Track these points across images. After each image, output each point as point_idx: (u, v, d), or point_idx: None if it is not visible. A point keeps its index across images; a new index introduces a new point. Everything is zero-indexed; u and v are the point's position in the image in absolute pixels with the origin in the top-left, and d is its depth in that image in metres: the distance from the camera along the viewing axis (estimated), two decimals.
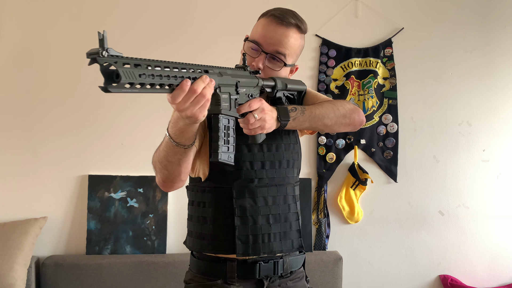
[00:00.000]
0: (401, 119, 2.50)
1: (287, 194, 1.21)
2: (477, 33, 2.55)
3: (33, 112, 2.30)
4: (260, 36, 1.18)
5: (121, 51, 2.59)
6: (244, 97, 1.07)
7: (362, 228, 2.49)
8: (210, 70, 0.95)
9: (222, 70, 1.01)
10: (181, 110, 0.89)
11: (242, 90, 1.06)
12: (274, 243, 1.17)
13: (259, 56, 1.18)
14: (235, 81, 1.03)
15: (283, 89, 1.19)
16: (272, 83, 1.17)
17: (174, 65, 0.86)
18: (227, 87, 1.00)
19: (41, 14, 2.31)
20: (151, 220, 2.30)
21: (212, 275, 1.19)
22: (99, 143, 2.33)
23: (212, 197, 1.18)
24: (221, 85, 0.98)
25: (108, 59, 0.76)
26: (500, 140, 2.55)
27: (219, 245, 1.16)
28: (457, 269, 2.53)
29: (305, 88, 1.28)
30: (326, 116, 1.17)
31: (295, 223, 1.21)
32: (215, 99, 0.97)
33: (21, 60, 2.30)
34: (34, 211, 2.26)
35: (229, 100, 1.01)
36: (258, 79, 1.13)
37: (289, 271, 1.22)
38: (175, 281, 2.20)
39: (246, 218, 1.15)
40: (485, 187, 2.55)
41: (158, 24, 2.38)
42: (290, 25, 1.17)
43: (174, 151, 1.04)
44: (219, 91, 0.98)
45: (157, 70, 0.82)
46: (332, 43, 2.47)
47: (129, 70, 0.76)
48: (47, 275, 2.15)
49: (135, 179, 2.32)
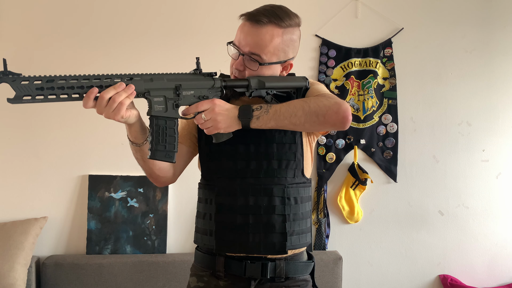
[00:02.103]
0: (401, 119, 2.50)
1: (274, 195, 1.17)
2: (477, 33, 2.55)
3: (33, 112, 2.30)
4: (236, 39, 1.19)
5: (121, 50, 2.58)
6: (192, 99, 1.10)
7: (362, 228, 2.50)
8: (135, 78, 1.04)
9: (157, 76, 1.07)
10: (99, 113, 1.01)
11: (189, 93, 1.10)
12: (252, 244, 1.16)
13: (238, 59, 1.18)
14: (174, 85, 1.08)
15: (260, 87, 1.16)
16: (244, 83, 1.16)
17: (84, 77, 0.98)
18: (160, 91, 1.07)
19: (41, 14, 2.32)
20: (151, 220, 2.31)
21: (204, 266, 1.24)
22: (99, 143, 2.33)
23: (202, 193, 1.25)
24: (151, 90, 1.06)
25: (5, 78, 0.92)
26: (499, 140, 2.55)
27: (205, 239, 1.21)
28: (457, 269, 2.53)
29: (303, 84, 1.21)
30: (293, 115, 1.10)
31: (279, 226, 1.16)
32: (148, 102, 1.06)
33: (21, 60, 2.30)
34: (34, 211, 2.27)
35: (164, 102, 1.07)
36: (214, 80, 1.13)
37: (283, 276, 1.18)
38: (175, 281, 2.20)
39: (225, 216, 1.18)
40: (484, 187, 2.55)
41: (158, 24, 2.38)
42: (262, 23, 1.13)
43: (134, 149, 1.15)
44: (148, 95, 1.05)
45: (60, 83, 0.94)
46: (332, 43, 2.47)
47: (25, 85, 0.92)
48: (48, 275, 2.16)
49: (135, 179, 2.32)
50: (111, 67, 2.34)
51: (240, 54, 1.17)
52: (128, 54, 2.36)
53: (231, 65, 1.22)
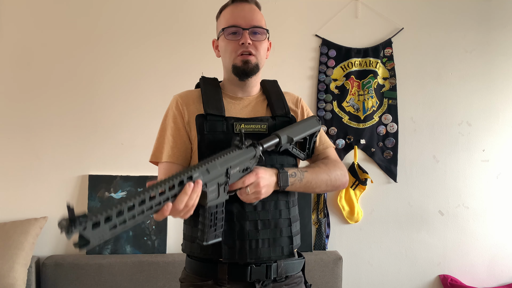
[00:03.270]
0: (401, 119, 2.50)
1: (279, 200, 1.19)
2: (477, 33, 2.55)
3: (33, 112, 2.30)
4: (235, 19, 1.22)
5: (121, 50, 2.58)
6: (237, 174, 1.10)
7: (362, 228, 2.50)
8: (194, 175, 0.97)
9: (211, 165, 1.03)
10: (173, 216, 0.96)
11: (235, 170, 1.09)
12: (262, 250, 1.16)
13: (242, 34, 1.20)
14: (225, 169, 1.06)
15: (289, 142, 1.20)
16: (275, 140, 1.17)
17: (151, 192, 0.88)
18: (215, 179, 1.05)
19: (41, 14, 2.32)
20: (151, 220, 2.31)
21: (203, 275, 1.20)
22: (99, 143, 2.33)
23: None
24: (208, 182, 1.02)
25: (78, 230, 0.79)
26: (499, 140, 2.56)
27: (207, 249, 1.17)
28: (457, 269, 2.53)
29: (318, 128, 1.28)
30: (318, 187, 1.23)
31: (286, 229, 1.19)
32: (203, 197, 1.02)
33: (21, 60, 2.30)
34: (34, 211, 2.26)
35: (217, 189, 1.06)
36: (256, 150, 1.13)
37: (284, 275, 1.20)
38: (175, 281, 2.20)
39: (233, 223, 1.15)
40: (484, 187, 2.55)
41: (158, 24, 2.38)
42: (251, 1, 1.25)
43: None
44: (205, 188, 1.01)
45: (130, 214, 0.84)
46: (332, 43, 2.47)
47: (98, 231, 0.80)
48: (48, 275, 2.16)
49: (135, 179, 2.32)
50: (112, 67, 2.34)
51: (245, 29, 1.20)
52: (128, 54, 2.36)
53: (231, 49, 1.21)
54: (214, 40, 1.32)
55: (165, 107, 1.34)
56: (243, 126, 1.19)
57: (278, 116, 1.25)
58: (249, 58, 1.21)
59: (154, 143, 1.28)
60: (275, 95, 1.30)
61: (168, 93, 2.33)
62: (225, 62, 1.26)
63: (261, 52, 1.23)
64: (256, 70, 1.23)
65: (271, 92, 1.30)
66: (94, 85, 2.34)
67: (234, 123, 1.19)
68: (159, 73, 2.37)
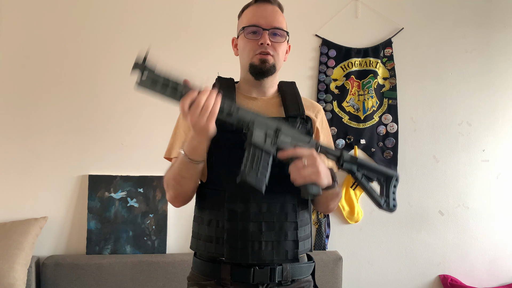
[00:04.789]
0: (401, 119, 2.50)
1: (286, 202, 1.17)
2: (477, 33, 2.55)
3: (33, 112, 2.30)
4: (256, 18, 1.22)
5: (121, 50, 2.58)
6: (288, 145, 1.11)
7: (362, 228, 2.49)
8: (244, 108, 1.08)
9: (262, 116, 1.10)
10: (194, 124, 1.02)
11: (286, 139, 1.11)
12: (265, 252, 1.13)
13: (262, 35, 1.20)
14: (275, 126, 1.10)
15: (352, 162, 1.18)
16: (336, 153, 1.17)
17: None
18: (263, 126, 1.09)
19: (41, 14, 2.31)
20: (151, 220, 2.31)
21: (207, 275, 1.19)
22: (99, 143, 2.33)
23: (209, 199, 1.20)
24: (256, 121, 1.08)
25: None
26: (499, 140, 2.56)
27: (211, 247, 1.17)
28: (457, 269, 2.53)
29: (394, 174, 1.24)
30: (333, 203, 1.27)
31: (292, 233, 1.17)
32: (249, 133, 1.08)
33: (21, 60, 2.30)
34: (34, 211, 2.26)
35: (264, 137, 1.08)
36: (311, 139, 1.14)
37: (290, 279, 1.18)
38: (175, 281, 2.20)
39: (236, 223, 1.14)
40: (485, 187, 2.55)
41: (158, 24, 2.38)
42: (275, 3, 1.25)
43: (188, 167, 1.12)
44: (251, 126, 1.07)
45: (175, 83, 1.05)
46: (332, 43, 2.47)
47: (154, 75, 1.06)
48: (47, 275, 2.16)
49: (135, 179, 2.32)
50: (112, 67, 2.34)
51: (265, 30, 1.20)
52: (128, 54, 2.36)
53: (249, 49, 1.22)
54: (233, 38, 1.33)
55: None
56: None
57: (291, 117, 1.23)
58: (267, 58, 1.21)
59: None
60: (291, 96, 1.28)
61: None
62: (242, 61, 1.27)
63: (280, 54, 1.23)
64: (272, 71, 1.23)
65: (287, 93, 1.28)
66: (94, 85, 2.34)
67: None
68: None
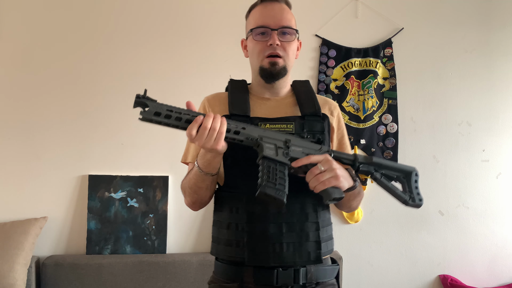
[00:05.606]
0: (401, 119, 2.50)
1: (306, 202, 1.15)
2: (477, 33, 2.55)
3: (33, 112, 2.30)
4: (264, 19, 1.20)
5: (121, 50, 2.58)
6: (301, 155, 1.10)
7: (362, 228, 2.49)
8: (248, 127, 1.07)
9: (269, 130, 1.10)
10: (202, 146, 1.01)
11: (297, 149, 1.10)
12: (287, 253, 1.11)
13: (271, 35, 1.18)
14: (284, 138, 1.10)
15: (367, 162, 1.16)
16: (350, 157, 1.15)
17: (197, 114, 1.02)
18: (272, 140, 1.09)
19: (41, 14, 2.32)
20: (151, 220, 2.31)
21: (230, 278, 1.17)
22: (99, 143, 2.33)
23: (227, 202, 1.19)
24: (264, 137, 1.08)
25: (145, 101, 1.02)
26: (499, 140, 2.55)
27: (231, 250, 1.14)
28: (457, 269, 2.53)
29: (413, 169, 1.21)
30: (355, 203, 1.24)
31: (313, 234, 1.14)
32: (259, 148, 1.07)
33: (21, 60, 2.30)
34: (34, 211, 2.26)
35: (275, 149, 1.08)
36: (322, 146, 1.13)
37: (314, 281, 1.15)
38: (175, 281, 2.20)
39: (255, 225, 1.12)
40: (485, 187, 2.55)
41: (158, 25, 2.38)
42: (282, 0, 1.23)
43: (203, 179, 1.13)
44: (260, 141, 1.07)
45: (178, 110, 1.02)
46: (332, 43, 2.47)
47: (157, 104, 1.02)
48: (47, 275, 2.16)
49: (135, 179, 2.32)
50: (112, 67, 2.34)
51: (273, 30, 1.18)
52: (129, 54, 2.36)
53: (259, 50, 1.20)
54: (243, 39, 1.30)
55: None
56: (268, 126, 1.16)
57: (308, 115, 1.20)
58: (277, 60, 1.19)
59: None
60: (305, 94, 1.26)
61: (168, 93, 2.34)
62: (252, 63, 1.25)
63: (290, 54, 1.21)
64: (283, 73, 1.21)
65: (300, 92, 1.27)
66: (94, 85, 2.34)
67: (259, 123, 1.16)
68: (159, 73, 2.37)
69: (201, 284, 2.20)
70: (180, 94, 2.34)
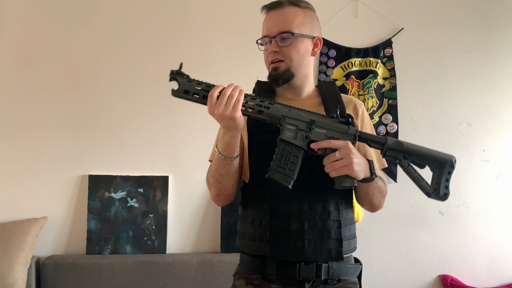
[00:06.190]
0: (401, 119, 2.50)
1: (328, 201, 1.17)
2: (477, 33, 2.55)
3: (33, 112, 2.30)
4: (264, 29, 1.24)
5: (121, 50, 2.59)
6: (323, 137, 1.11)
7: (362, 228, 2.49)
8: (275, 104, 1.10)
9: (295, 109, 1.11)
10: (222, 114, 1.03)
11: (320, 131, 1.11)
12: (308, 250, 1.14)
13: (271, 43, 1.21)
14: (308, 119, 1.11)
15: (397, 148, 1.14)
16: (380, 140, 1.14)
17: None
18: (295, 121, 1.10)
19: (41, 14, 2.31)
20: (151, 220, 2.31)
21: (254, 270, 1.21)
22: (99, 143, 2.33)
23: (251, 199, 1.22)
24: (287, 117, 1.10)
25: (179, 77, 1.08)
26: (499, 140, 2.56)
27: (255, 245, 1.18)
28: (457, 269, 2.53)
29: (450, 159, 1.21)
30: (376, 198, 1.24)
31: (335, 232, 1.16)
32: (281, 128, 1.10)
33: (21, 60, 2.30)
34: (34, 211, 2.26)
35: (295, 131, 1.09)
36: (349, 126, 1.12)
37: (336, 278, 1.17)
38: (175, 281, 2.20)
39: (278, 221, 1.15)
40: (485, 187, 2.55)
41: (158, 24, 2.38)
42: (282, 4, 1.22)
43: (223, 164, 1.14)
44: (283, 121, 1.09)
45: (206, 88, 1.07)
46: (332, 43, 2.47)
47: (186, 82, 1.07)
48: (47, 275, 2.16)
49: (135, 179, 2.32)
50: (112, 67, 2.34)
51: (271, 38, 1.21)
52: (129, 54, 2.36)
53: (265, 59, 1.25)
54: None
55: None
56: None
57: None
58: (278, 65, 1.21)
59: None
60: (330, 95, 1.27)
61: (168, 93, 2.34)
62: None
63: (293, 56, 1.21)
64: (288, 75, 1.22)
65: (326, 93, 1.28)
66: (94, 85, 2.34)
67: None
68: (159, 73, 2.36)
69: (201, 284, 2.20)
70: None
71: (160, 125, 2.35)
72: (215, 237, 2.35)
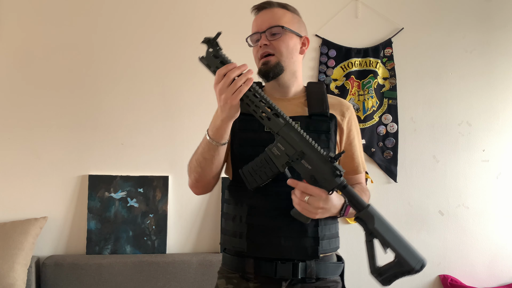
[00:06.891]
0: (401, 119, 2.50)
1: None
2: (477, 33, 2.56)
3: (33, 112, 2.30)
4: (254, 26, 1.27)
5: (121, 50, 2.59)
6: (304, 172, 1.09)
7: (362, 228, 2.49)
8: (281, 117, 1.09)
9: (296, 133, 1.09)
10: (220, 93, 1.04)
11: (306, 165, 1.09)
12: (284, 248, 1.15)
13: (261, 38, 1.24)
14: (300, 148, 1.08)
15: (368, 225, 1.27)
16: (361, 204, 1.18)
17: None
18: (287, 144, 1.09)
19: (41, 14, 2.31)
20: (151, 220, 2.31)
21: (233, 268, 1.23)
22: (99, 143, 2.33)
23: (233, 196, 1.24)
24: (282, 136, 1.09)
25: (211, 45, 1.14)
26: (500, 140, 2.56)
27: (235, 241, 1.20)
28: (457, 269, 2.53)
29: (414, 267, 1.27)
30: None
31: (312, 230, 1.16)
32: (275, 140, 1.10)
33: (21, 60, 2.30)
34: (34, 211, 2.26)
35: (282, 153, 1.09)
36: (341, 178, 1.09)
37: (314, 277, 1.18)
38: (175, 281, 2.20)
39: (256, 218, 1.17)
40: (485, 187, 2.55)
41: (158, 24, 2.38)
42: (272, 5, 1.27)
43: (209, 147, 1.14)
44: (276, 137, 1.10)
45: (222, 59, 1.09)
46: (332, 43, 2.47)
47: (212, 57, 1.11)
48: (47, 275, 2.16)
49: (135, 179, 2.32)
50: (112, 66, 2.34)
51: (261, 33, 1.24)
52: (129, 54, 2.36)
53: (254, 55, 1.27)
54: None
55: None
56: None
57: (315, 115, 1.22)
58: (268, 59, 1.23)
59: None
60: (316, 95, 1.28)
61: (168, 93, 2.34)
62: None
63: (283, 50, 1.23)
64: (278, 69, 1.23)
65: (312, 93, 1.29)
66: (94, 85, 2.34)
67: None
68: (159, 73, 2.37)
69: (201, 284, 2.20)
70: (180, 94, 2.34)
71: (160, 125, 2.35)
72: (215, 237, 2.35)
